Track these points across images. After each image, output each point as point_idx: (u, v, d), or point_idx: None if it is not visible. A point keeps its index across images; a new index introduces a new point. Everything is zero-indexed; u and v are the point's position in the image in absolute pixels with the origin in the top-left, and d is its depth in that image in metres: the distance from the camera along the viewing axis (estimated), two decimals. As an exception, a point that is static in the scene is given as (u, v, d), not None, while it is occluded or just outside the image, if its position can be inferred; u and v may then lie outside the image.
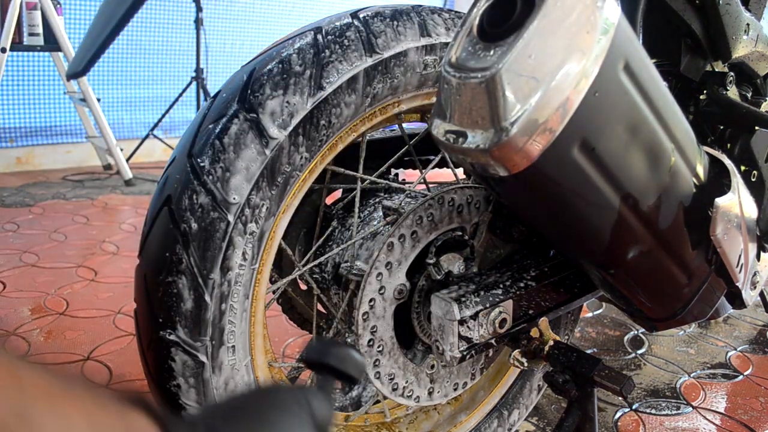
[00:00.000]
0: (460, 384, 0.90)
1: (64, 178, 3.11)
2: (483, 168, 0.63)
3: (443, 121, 0.64)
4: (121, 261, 2.02)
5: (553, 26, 0.56)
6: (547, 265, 0.85)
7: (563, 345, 0.83)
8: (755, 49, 1.03)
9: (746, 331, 1.74)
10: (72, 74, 0.60)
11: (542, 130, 0.58)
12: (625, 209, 0.68)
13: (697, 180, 0.75)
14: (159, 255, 0.68)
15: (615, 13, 0.59)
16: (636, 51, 0.63)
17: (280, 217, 0.76)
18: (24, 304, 1.66)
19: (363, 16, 0.76)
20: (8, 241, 2.15)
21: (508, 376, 1.09)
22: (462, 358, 0.76)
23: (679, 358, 1.56)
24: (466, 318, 0.75)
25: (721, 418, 1.30)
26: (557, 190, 0.65)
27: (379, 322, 0.79)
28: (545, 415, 1.27)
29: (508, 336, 0.81)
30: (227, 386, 0.74)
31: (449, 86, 0.61)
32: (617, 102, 0.62)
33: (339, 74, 0.73)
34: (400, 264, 0.78)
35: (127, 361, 1.39)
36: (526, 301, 0.82)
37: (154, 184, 3.00)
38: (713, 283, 0.83)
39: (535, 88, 0.57)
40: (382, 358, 0.80)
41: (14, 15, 2.61)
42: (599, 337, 1.64)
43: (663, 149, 0.69)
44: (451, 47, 0.63)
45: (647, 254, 0.74)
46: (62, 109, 3.29)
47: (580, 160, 0.62)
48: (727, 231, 0.78)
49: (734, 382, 1.45)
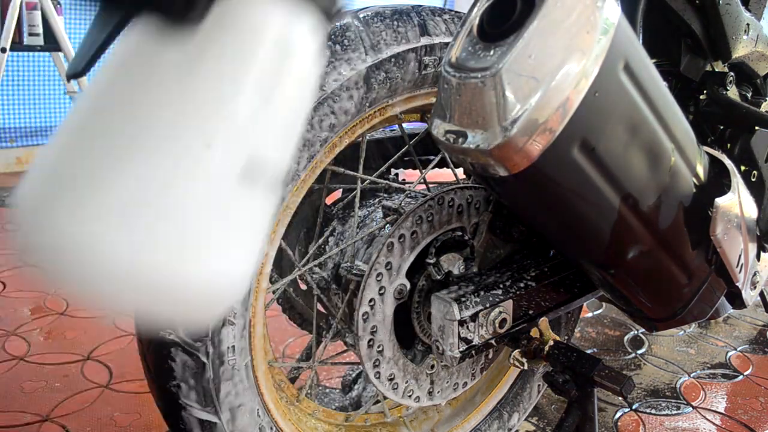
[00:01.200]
0: (460, 384, 0.90)
1: (64, 178, 3.12)
2: (483, 168, 0.63)
3: (443, 121, 0.64)
4: (121, 261, 2.02)
5: (553, 26, 0.56)
6: (547, 265, 0.85)
7: (563, 345, 0.83)
8: (755, 49, 1.03)
9: (746, 331, 1.74)
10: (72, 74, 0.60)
11: (542, 130, 0.58)
12: (625, 209, 0.68)
13: (697, 180, 0.75)
14: (159, 255, 0.68)
15: (615, 13, 0.59)
16: (636, 51, 0.63)
17: (280, 217, 0.76)
18: (24, 304, 1.66)
19: (363, 16, 0.76)
20: (8, 241, 2.15)
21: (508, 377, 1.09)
22: (462, 358, 0.76)
23: (679, 358, 1.56)
24: (465, 318, 0.75)
25: (721, 418, 1.30)
26: (557, 190, 0.65)
27: (379, 322, 0.79)
28: (545, 415, 1.27)
29: (508, 336, 0.81)
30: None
31: (449, 86, 0.61)
32: (617, 102, 0.62)
33: (339, 75, 0.73)
34: (400, 264, 0.78)
35: (127, 361, 1.39)
36: (526, 301, 0.82)
37: (154, 184, 2.99)
38: (713, 283, 0.83)
39: (535, 88, 0.57)
40: (381, 358, 0.80)
41: (14, 15, 2.61)
42: (599, 337, 1.64)
43: (663, 149, 0.69)
44: (451, 47, 0.63)
45: (647, 254, 0.74)
46: (62, 109, 3.29)
47: (580, 160, 0.62)
48: (727, 231, 0.78)
49: (734, 382, 1.45)
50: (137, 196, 0.32)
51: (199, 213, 0.33)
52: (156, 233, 0.32)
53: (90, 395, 1.25)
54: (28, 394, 1.24)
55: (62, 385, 1.28)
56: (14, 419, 1.16)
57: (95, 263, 0.31)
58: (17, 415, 1.17)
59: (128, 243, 0.32)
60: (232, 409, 0.74)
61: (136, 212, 0.32)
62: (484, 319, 0.77)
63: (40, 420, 1.16)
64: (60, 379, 1.30)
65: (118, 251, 0.31)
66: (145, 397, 1.24)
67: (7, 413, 1.18)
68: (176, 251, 0.33)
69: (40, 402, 1.22)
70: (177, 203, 0.33)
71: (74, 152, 0.34)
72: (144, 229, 0.32)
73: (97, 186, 0.32)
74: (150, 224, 0.32)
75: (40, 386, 1.27)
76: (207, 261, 0.34)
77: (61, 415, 1.18)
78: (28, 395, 1.24)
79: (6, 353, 1.40)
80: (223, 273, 0.35)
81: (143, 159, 0.32)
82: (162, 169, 0.33)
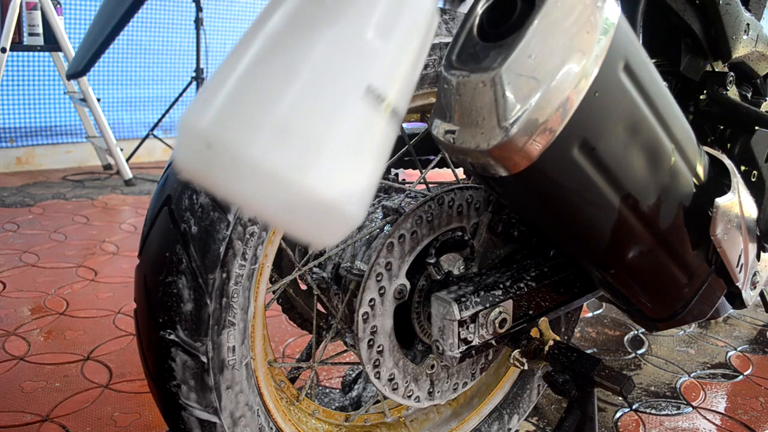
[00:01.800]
0: (460, 384, 0.90)
1: (64, 178, 3.11)
2: (483, 168, 0.63)
3: (443, 121, 0.64)
4: (121, 261, 2.02)
5: (553, 26, 0.56)
6: (547, 265, 0.85)
7: (563, 345, 0.83)
8: (755, 49, 1.03)
9: (746, 331, 1.74)
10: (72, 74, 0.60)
11: (542, 130, 0.58)
12: (625, 209, 0.68)
13: (697, 180, 0.75)
14: (159, 255, 0.68)
15: (615, 13, 0.59)
16: (636, 51, 0.63)
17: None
18: (24, 304, 1.66)
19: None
20: (8, 241, 2.15)
21: (507, 377, 1.09)
22: (462, 359, 0.76)
23: (679, 358, 1.56)
24: (465, 318, 0.75)
25: (721, 418, 1.30)
26: (557, 190, 0.65)
27: (379, 322, 0.79)
28: (545, 415, 1.27)
29: (508, 336, 0.81)
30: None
31: (449, 86, 0.61)
32: (617, 102, 0.62)
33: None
34: (400, 264, 0.78)
35: (127, 361, 1.39)
36: (526, 301, 0.82)
37: (154, 184, 3.01)
38: (713, 283, 0.83)
39: (535, 88, 0.57)
40: (381, 358, 0.80)
41: (14, 15, 2.61)
42: (599, 337, 1.64)
43: (663, 149, 0.69)
44: (451, 47, 0.63)
45: (647, 254, 0.74)
46: (62, 109, 3.30)
47: (580, 160, 0.62)
48: (727, 231, 0.78)
49: (734, 382, 1.45)
50: (293, 120, 0.39)
51: (337, 134, 0.40)
52: (304, 151, 0.39)
53: (90, 395, 1.25)
54: (28, 394, 1.24)
55: (62, 385, 1.28)
56: (14, 419, 1.16)
57: (258, 177, 0.38)
58: (17, 415, 1.17)
59: (294, 164, 0.38)
60: (232, 409, 0.74)
61: (292, 133, 0.39)
62: (484, 319, 0.77)
63: (40, 420, 1.16)
64: (60, 379, 1.30)
65: (285, 169, 0.38)
66: (145, 397, 1.25)
67: (7, 413, 1.18)
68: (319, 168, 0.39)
69: (40, 402, 1.22)
70: (322, 127, 0.39)
71: (243, 78, 0.40)
72: (297, 147, 0.38)
73: (263, 110, 0.39)
74: (307, 150, 0.39)
75: (40, 386, 1.27)
76: (340, 177, 0.41)
77: (61, 415, 1.18)
78: (28, 395, 1.24)
79: (6, 353, 1.40)
80: (356, 199, 0.42)
81: (298, 88, 0.39)
82: (312, 98, 0.39)
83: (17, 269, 1.90)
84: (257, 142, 0.38)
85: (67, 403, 1.22)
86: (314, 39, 0.41)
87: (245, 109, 0.39)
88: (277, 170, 0.38)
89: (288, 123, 0.39)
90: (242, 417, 0.76)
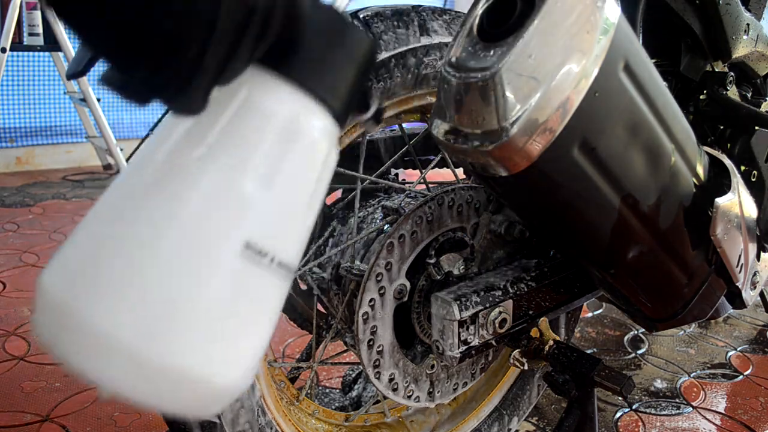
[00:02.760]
0: (460, 384, 0.90)
1: (64, 178, 3.11)
2: (483, 168, 0.63)
3: (443, 121, 0.64)
4: (121, 261, 2.02)
5: (553, 26, 0.56)
6: (547, 265, 0.85)
7: (563, 345, 0.83)
8: (755, 49, 1.03)
9: (746, 331, 1.74)
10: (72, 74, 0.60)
11: (542, 130, 0.58)
12: (625, 209, 0.68)
13: (697, 180, 0.75)
14: (159, 255, 0.68)
15: (615, 13, 0.59)
16: (636, 51, 0.63)
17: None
18: (24, 304, 1.66)
19: (363, 17, 0.76)
20: (8, 241, 2.15)
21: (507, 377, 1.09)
22: (461, 359, 0.76)
23: (679, 358, 1.56)
24: (465, 318, 0.75)
25: (721, 418, 1.30)
26: (557, 190, 0.65)
27: (379, 322, 0.78)
28: (545, 415, 1.27)
29: (508, 336, 0.81)
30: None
31: (449, 86, 0.61)
32: (617, 102, 0.62)
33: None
34: (400, 265, 0.78)
35: (127, 361, 1.39)
36: (526, 301, 0.82)
37: (154, 184, 3.00)
38: (713, 283, 0.83)
39: (535, 88, 0.57)
40: (381, 358, 0.80)
41: (14, 15, 2.61)
42: (599, 337, 1.64)
43: (663, 149, 0.69)
44: (451, 47, 0.63)
45: (647, 254, 0.74)
46: (62, 109, 3.29)
47: (580, 160, 0.62)
48: (727, 231, 0.78)
49: (734, 382, 1.45)
50: (151, 284, 0.35)
51: (206, 298, 0.36)
52: (170, 326, 0.35)
53: (90, 395, 1.25)
54: (28, 394, 1.24)
55: (62, 385, 1.28)
56: (14, 419, 1.16)
57: (113, 351, 0.34)
58: (17, 415, 1.17)
59: (145, 334, 0.34)
60: (232, 409, 0.74)
61: (155, 306, 0.35)
62: (484, 319, 0.77)
63: (40, 420, 1.16)
64: (60, 379, 1.30)
65: (136, 341, 0.34)
66: (145, 397, 1.24)
67: (7, 413, 1.18)
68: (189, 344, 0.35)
69: (40, 402, 1.22)
70: (186, 291, 0.35)
71: (102, 243, 0.36)
72: (160, 321, 0.35)
73: (120, 279, 0.35)
74: (164, 317, 0.35)
75: (40, 386, 1.27)
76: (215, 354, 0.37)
77: (61, 415, 1.18)
78: (28, 395, 1.24)
79: (6, 353, 1.40)
80: (232, 367, 0.38)
81: (160, 249, 0.35)
82: (176, 260, 0.35)
83: (17, 269, 1.90)
84: (104, 308, 0.34)
85: (67, 403, 1.22)
86: (185, 191, 0.36)
87: (97, 272, 0.35)
88: (122, 340, 0.33)
89: (146, 289, 0.34)
90: (242, 417, 0.76)
